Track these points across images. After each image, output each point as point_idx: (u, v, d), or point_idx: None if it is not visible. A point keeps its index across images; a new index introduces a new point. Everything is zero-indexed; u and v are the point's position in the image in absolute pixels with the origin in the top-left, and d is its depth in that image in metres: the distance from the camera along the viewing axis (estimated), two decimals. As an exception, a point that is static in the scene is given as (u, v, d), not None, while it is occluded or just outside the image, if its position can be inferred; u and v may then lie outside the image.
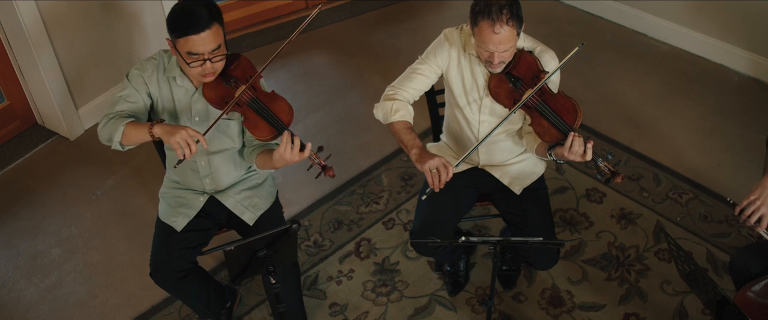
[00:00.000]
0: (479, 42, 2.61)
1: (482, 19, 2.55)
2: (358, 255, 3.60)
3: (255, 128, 2.63)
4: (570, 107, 2.66)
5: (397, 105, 2.86)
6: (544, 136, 2.71)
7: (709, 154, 4.12)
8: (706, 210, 3.76)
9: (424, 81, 2.90)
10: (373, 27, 5.20)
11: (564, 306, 3.33)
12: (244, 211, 2.95)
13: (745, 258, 2.77)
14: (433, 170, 2.68)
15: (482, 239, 2.53)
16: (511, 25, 2.54)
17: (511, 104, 2.71)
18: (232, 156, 2.89)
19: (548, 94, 2.69)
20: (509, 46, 2.59)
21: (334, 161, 4.08)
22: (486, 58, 2.63)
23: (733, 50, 4.68)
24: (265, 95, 2.69)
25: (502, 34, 2.54)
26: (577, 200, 3.81)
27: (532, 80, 2.69)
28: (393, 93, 2.91)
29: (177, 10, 2.53)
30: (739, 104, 4.46)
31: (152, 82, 2.71)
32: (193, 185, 2.95)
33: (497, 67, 2.65)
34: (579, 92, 4.55)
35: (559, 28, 5.09)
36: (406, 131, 2.83)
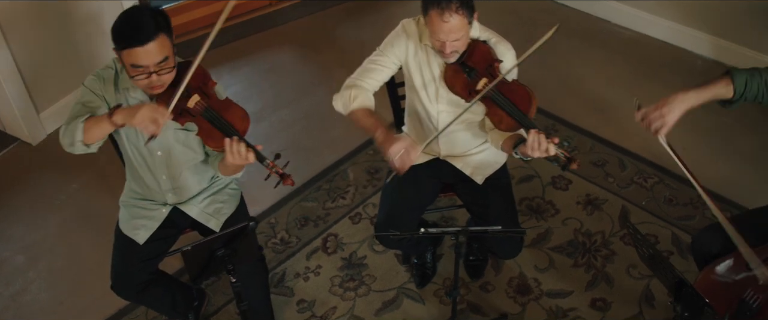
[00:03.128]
0: (430, 31, 2.60)
1: (432, 8, 2.55)
2: (325, 251, 3.58)
3: (209, 138, 2.53)
4: (524, 94, 2.66)
5: (356, 92, 2.81)
6: (499, 125, 2.71)
7: (673, 138, 4.10)
8: (671, 194, 3.78)
9: (383, 72, 2.88)
10: (338, 21, 5.18)
11: (531, 294, 3.33)
12: (210, 218, 2.90)
13: (705, 239, 2.79)
14: (398, 157, 2.66)
15: (442, 230, 2.53)
16: (460, 14, 2.54)
17: (467, 93, 2.70)
18: (195, 168, 2.82)
19: (503, 83, 2.68)
20: (460, 36, 2.59)
21: (300, 158, 4.08)
22: (438, 47, 2.63)
23: (696, 34, 4.71)
24: (219, 103, 2.58)
25: (451, 23, 2.53)
26: (543, 188, 3.82)
27: (487, 70, 2.68)
28: (351, 83, 2.88)
29: (120, 20, 2.41)
30: (703, 87, 4.48)
31: (109, 92, 2.59)
32: (155, 197, 2.88)
33: (450, 57, 2.65)
34: (543, 80, 4.56)
35: (524, 18, 5.10)
36: (367, 115, 2.79)
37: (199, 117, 2.52)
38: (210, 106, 2.52)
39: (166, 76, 2.45)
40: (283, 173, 2.55)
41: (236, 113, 2.56)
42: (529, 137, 2.56)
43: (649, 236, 3.55)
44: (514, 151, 2.68)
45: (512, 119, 2.65)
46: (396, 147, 2.65)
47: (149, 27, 2.35)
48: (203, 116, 2.52)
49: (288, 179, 2.56)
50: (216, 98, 2.59)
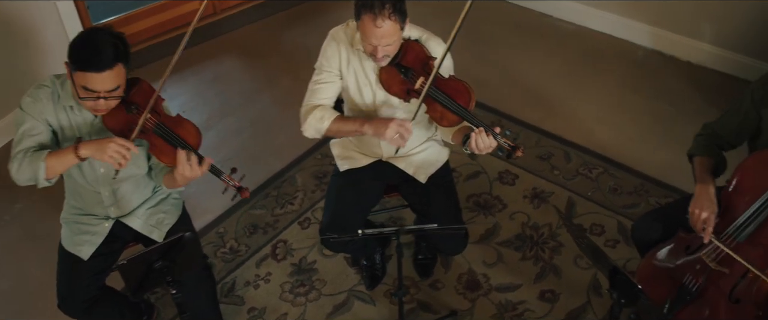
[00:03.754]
0: (362, 36, 2.61)
1: (365, 13, 2.56)
2: (274, 258, 3.57)
3: (162, 154, 2.53)
4: (462, 89, 2.68)
5: (319, 112, 2.81)
6: (441, 121, 2.72)
7: (617, 128, 4.20)
8: (616, 183, 3.83)
9: (330, 88, 2.87)
10: (282, 28, 5.17)
11: (481, 289, 3.35)
12: (152, 230, 2.88)
13: (645, 226, 2.83)
14: (395, 137, 2.68)
15: (379, 230, 2.54)
16: (393, 19, 2.55)
17: (404, 94, 2.72)
18: (137, 182, 2.81)
19: (440, 79, 2.70)
20: (392, 41, 2.60)
21: (248, 166, 4.06)
22: (370, 51, 2.63)
23: (636, 25, 4.78)
24: (170, 119, 2.57)
25: (384, 28, 2.54)
26: (490, 184, 3.85)
27: (422, 68, 2.69)
28: (307, 109, 2.86)
29: (82, 41, 2.39)
30: (645, 77, 4.56)
31: (49, 112, 2.55)
32: (96, 212, 2.84)
33: (381, 61, 2.66)
34: (488, 77, 4.60)
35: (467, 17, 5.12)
36: (343, 122, 2.81)
37: (150, 134, 2.52)
38: (161, 122, 2.52)
39: (113, 102, 2.47)
40: (240, 187, 2.57)
41: (188, 128, 2.57)
42: (471, 140, 2.57)
43: (595, 227, 3.59)
44: (464, 147, 2.69)
45: (453, 113, 2.67)
46: (390, 131, 2.67)
47: (108, 56, 2.35)
48: (155, 132, 2.52)
49: (245, 192, 2.59)
50: (166, 115, 2.59)
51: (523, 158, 3.95)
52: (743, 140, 2.73)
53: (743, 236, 2.44)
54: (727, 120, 2.71)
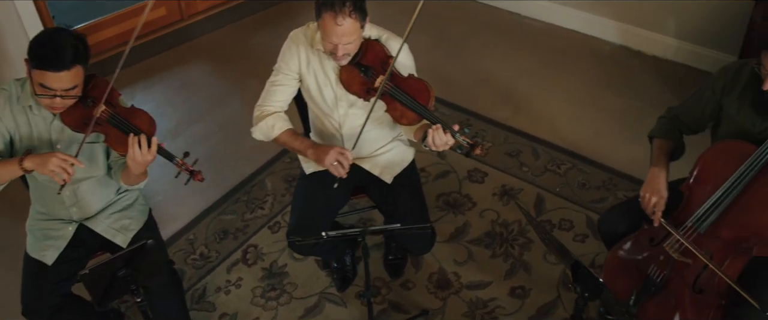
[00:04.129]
0: (323, 34, 2.61)
1: (325, 11, 2.56)
2: (245, 263, 3.56)
3: (118, 144, 2.57)
4: (422, 87, 2.69)
5: (272, 120, 2.88)
6: (401, 120, 2.73)
7: (585, 123, 4.22)
8: (584, 178, 3.85)
9: (285, 91, 2.91)
10: (250, 32, 5.16)
11: (452, 288, 3.36)
12: (116, 234, 2.87)
13: (611, 220, 2.85)
14: (334, 164, 2.74)
15: (342, 232, 2.53)
16: (353, 17, 2.56)
17: (365, 92, 2.72)
18: (98, 182, 2.81)
19: (399, 78, 2.71)
20: (353, 39, 2.60)
21: (217, 171, 4.05)
22: (330, 50, 2.64)
23: (603, 21, 4.82)
24: (125, 110, 2.62)
25: (344, 26, 2.55)
26: (459, 183, 3.86)
27: (382, 67, 2.70)
28: (261, 112, 2.92)
29: (42, 39, 2.43)
30: (612, 72, 4.60)
31: (6, 116, 2.59)
32: (60, 215, 2.84)
33: (342, 60, 2.66)
34: (457, 76, 4.61)
35: (435, 17, 5.13)
36: (292, 138, 2.89)
37: (105, 125, 2.56)
38: (116, 113, 2.56)
39: (69, 101, 2.50)
40: (193, 170, 2.61)
41: (142, 116, 2.61)
42: (429, 137, 2.58)
43: (564, 222, 3.61)
44: (424, 144, 2.70)
45: (413, 111, 2.68)
46: (329, 158, 2.75)
47: (67, 56, 2.38)
48: (109, 122, 2.56)
49: (198, 175, 2.62)
50: (121, 106, 2.63)
51: (491, 156, 3.98)
52: (703, 126, 2.77)
53: (705, 226, 2.47)
54: (689, 107, 2.76)
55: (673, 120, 2.80)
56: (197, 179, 2.62)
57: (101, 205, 2.86)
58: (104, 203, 2.87)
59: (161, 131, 4.26)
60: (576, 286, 2.35)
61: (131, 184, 2.77)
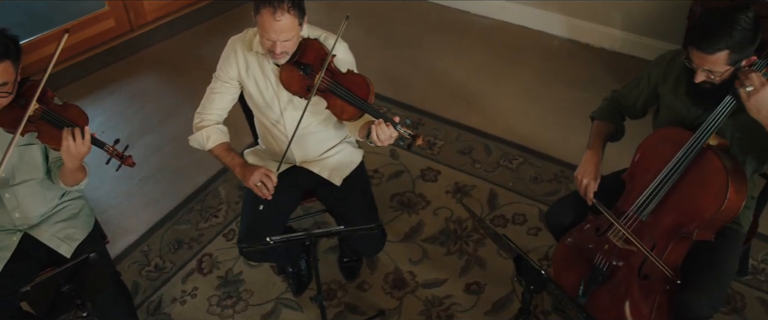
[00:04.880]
0: (261, 31, 2.62)
1: (264, 7, 2.57)
2: (200, 272, 3.53)
3: (51, 139, 2.56)
4: (361, 82, 2.71)
5: (208, 132, 2.93)
6: (342, 115, 2.74)
7: (535, 117, 4.26)
8: (536, 172, 3.89)
9: (224, 98, 2.94)
10: (201, 40, 5.13)
11: (407, 287, 3.37)
12: (61, 244, 2.84)
13: (557, 212, 2.88)
14: (257, 184, 2.81)
15: (287, 236, 2.53)
16: (292, 14, 2.57)
17: (305, 91, 2.73)
18: (38, 186, 2.79)
19: (338, 74, 2.72)
20: (291, 36, 2.61)
21: (171, 181, 4.02)
22: (268, 47, 2.65)
23: (551, 16, 4.87)
24: (57, 106, 2.62)
25: (283, 22, 2.56)
26: (412, 182, 3.87)
27: (321, 64, 2.71)
28: (200, 121, 2.96)
29: None
30: (561, 66, 4.64)
31: None
32: (3, 222, 2.80)
33: (280, 58, 2.67)
34: (409, 76, 4.63)
35: (383, 18, 5.16)
36: (225, 153, 2.94)
37: (38, 122, 2.56)
38: (49, 109, 2.56)
39: (3, 100, 2.50)
40: (123, 155, 2.63)
41: (74, 110, 2.61)
42: (372, 132, 2.59)
43: (517, 216, 3.64)
44: (368, 140, 2.71)
45: (352, 106, 2.69)
46: (253, 178, 2.81)
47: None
48: (42, 118, 2.56)
49: (128, 160, 2.65)
50: (54, 104, 2.62)
51: (444, 154, 4.01)
52: (642, 113, 2.82)
53: (646, 213, 2.51)
54: (629, 92, 2.81)
55: (614, 103, 2.86)
56: (127, 164, 2.64)
57: (43, 209, 2.83)
58: (47, 207, 2.84)
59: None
60: (521, 279, 2.37)
61: (71, 184, 2.76)
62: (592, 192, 2.64)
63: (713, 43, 2.24)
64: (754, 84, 2.20)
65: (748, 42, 2.25)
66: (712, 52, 2.25)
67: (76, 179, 2.73)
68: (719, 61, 2.27)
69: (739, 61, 2.29)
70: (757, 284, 3.30)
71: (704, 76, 2.34)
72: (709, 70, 2.31)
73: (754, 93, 2.20)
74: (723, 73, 2.31)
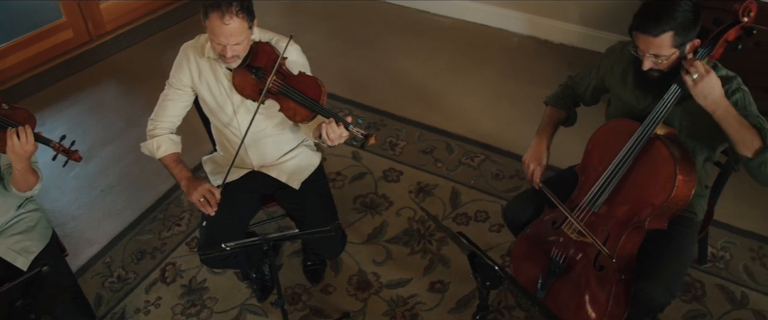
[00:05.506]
0: (211, 35, 2.62)
1: (212, 11, 2.57)
2: (164, 281, 3.51)
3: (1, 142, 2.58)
4: (312, 83, 2.71)
5: (159, 141, 2.94)
6: (295, 117, 2.74)
7: (496, 115, 4.28)
8: (498, 169, 3.91)
9: (177, 105, 2.94)
10: (160, 48, 5.11)
11: (372, 288, 3.37)
12: (17, 257, 2.80)
13: (515, 208, 2.89)
14: (201, 200, 2.82)
15: (242, 242, 2.52)
16: (240, 17, 2.57)
17: (258, 94, 2.73)
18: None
19: (289, 76, 2.73)
20: (241, 40, 2.61)
21: (133, 191, 4.00)
22: (219, 52, 2.64)
23: (510, 14, 4.90)
24: (4, 110, 2.63)
25: (232, 25, 2.56)
26: (375, 183, 3.87)
27: (273, 67, 2.71)
28: (153, 128, 2.97)
29: None
30: (521, 63, 4.67)
31: None
32: None
33: (231, 62, 2.67)
34: (370, 77, 4.64)
35: (345, 19, 5.16)
36: (173, 164, 2.94)
37: None
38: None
39: None
40: (68, 150, 2.66)
41: (22, 113, 2.63)
42: (323, 131, 2.60)
43: (480, 213, 3.66)
44: (320, 140, 2.71)
45: (304, 107, 2.70)
46: (196, 194, 2.82)
47: None
48: None
49: (74, 154, 2.68)
50: (1, 109, 2.64)
51: (406, 154, 4.01)
52: (593, 100, 2.88)
53: (598, 205, 2.53)
54: (581, 80, 2.88)
55: (567, 89, 2.91)
56: (74, 159, 2.67)
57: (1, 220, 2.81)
58: (3, 219, 2.82)
59: (72, 155, 4.20)
60: (476, 276, 2.38)
61: (23, 188, 2.75)
62: (538, 177, 2.72)
63: (657, 25, 2.28)
64: (699, 71, 2.23)
65: (690, 24, 2.29)
66: (657, 35, 2.29)
67: (28, 184, 2.72)
68: (665, 44, 2.30)
69: (683, 43, 2.32)
70: (716, 271, 3.34)
71: (651, 63, 2.37)
72: (655, 55, 2.34)
73: (700, 80, 2.23)
74: (669, 57, 2.34)
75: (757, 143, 2.24)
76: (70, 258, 3.47)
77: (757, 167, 2.27)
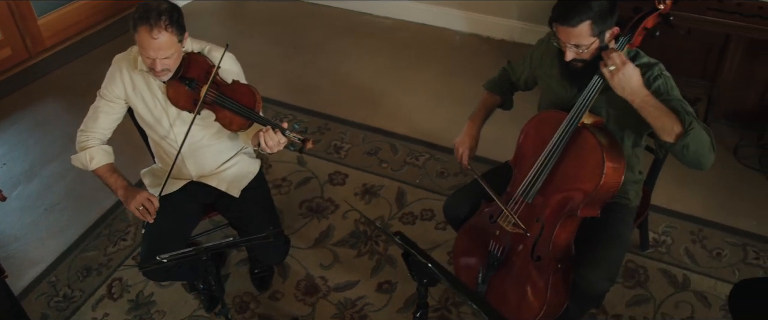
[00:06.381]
0: (141, 49, 2.60)
1: (140, 25, 2.55)
2: (111, 297, 3.46)
3: None
4: (247, 91, 2.70)
5: (92, 152, 2.89)
6: (231, 126, 2.73)
7: (440, 113, 4.31)
8: (442, 166, 3.93)
9: (108, 117, 2.91)
10: (101, 63, 4.96)
11: (320, 292, 3.36)
12: None
13: (453, 204, 2.91)
14: (139, 208, 2.80)
15: (179, 252, 2.50)
16: (170, 31, 2.55)
17: (192, 105, 2.71)
18: None
19: (224, 86, 2.71)
20: (170, 53, 2.59)
21: (77, 208, 3.94)
22: (149, 65, 2.63)
23: (451, 12, 4.93)
24: None
25: (160, 39, 2.54)
26: (321, 187, 3.87)
27: (206, 77, 2.70)
28: (84, 140, 2.93)
29: None
30: (464, 60, 4.71)
31: None
32: None
33: (162, 75, 2.65)
34: (315, 82, 4.64)
35: (288, 26, 5.15)
36: (108, 174, 2.90)
37: None
38: None
39: None
40: None
41: None
42: (260, 139, 2.58)
43: (425, 212, 3.68)
44: (259, 148, 2.70)
45: (240, 116, 2.69)
46: (135, 203, 2.80)
47: None
48: None
49: None
50: None
51: (351, 157, 4.02)
52: (527, 88, 2.95)
53: (531, 195, 2.56)
54: (517, 67, 2.94)
55: (505, 74, 2.99)
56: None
57: None
58: None
59: (15, 174, 4.15)
60: (413, 274, 2.38)
61: None
62: (466, 159, 2.81)
63: (575, 15, 2.32)
64: (615, 63, 2.27)
65: (606, 12, 2.33)
66: (575, 25, 2.33)
67: None
68: (583, 34, 2.34)
69: (602, 32, 2.36)
70: (658, 256, 3.39)
71: (573, 53, 2.41)
72: (576, 45, 2.38)
73: (616, 72, 2.27)
74: (590, 47, 2.38)
75: (677, 129, 2.28)
76: (13, 279, 3.44)
77: (680, 151, 2.31)
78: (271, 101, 4.43)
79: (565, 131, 2.45)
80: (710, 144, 2.31)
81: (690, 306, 3.18)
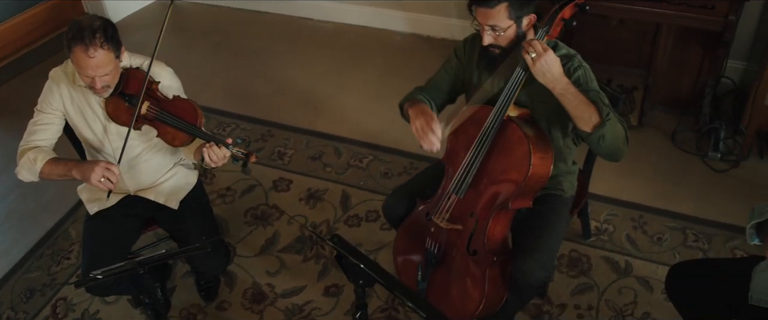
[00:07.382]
0: (78, 68, 2.57)
1: (75, 45, 2.52)
2: (55, 317, 3.42)
3: None
4: (188, 107, 2.69)
5: (33, 153, 2.78)
6: (174, 142, 2.72)
7: (382, 114, 4.33)
8: (386, 167, 3.95)
9: (47, 130, 2.84)
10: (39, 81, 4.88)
11: (267, 300, 3.35)
12: None
13: (390, 204, 2.92)
14: (101, 180, 2.64)
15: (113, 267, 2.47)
16: (105, 48, 2.53)
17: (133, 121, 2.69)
18: None
19: (164, 102, 2.70)
20: (109, 70, 2.57)
21: (20, 229, 3.89)
22: (88, 83, 2.60)
23: (391, 13, 4.96)
24: None
25: (97, 58, 2.51)
26: (266, 194, 3.86)
27: (146, 93, 2.68)
28: (25, 150, 2.84)
29: None
30: (406, 61, 4.73)
31: None
32: None
33: (102, 92, 2.63)
34: (257, 89, 4.63)
35: (229, 33, 5.14)
36: (55, 165, 2.76)
37: None
38: None
39: None
40: None
41: None
42: (205, 155, 2.58)
43: (370, 213, 3.69)
44: (203, 164, 2.68)
45: (183, 132, 2.67)
46: (95, 175, 2.63)
47: None
48: None
49: None
50: None
51: (294, 163, 4.02)
52: (452, 101, 2.88)
53: (463, 191, 2.58)
54: (439, 79, 2.86)
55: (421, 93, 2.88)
56: None
57: None
58: None
59: (-50, 199, 4.07)
60: (348, 276, 2.39)
61: None
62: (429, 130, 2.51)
63: None
64: (536, 50, 2.30)
65: None
66: (492, 6, 2.39)
67: None
68: (501, 15, 2.40)
69: (519, 17, 2.41)
70: (600, 244, 3.44)
71: (491, 38, 2.44)
72: (492, 27, 2.41)
73: (538, 59, 2.30)
74: (507, 31, 2.42)
75: (595, 119, 2.32)
76: (-49, 305, 3.38)
77: (596, 142, 2.35)
78: (214, 111, 4.41)
79: (491, 124, 2.48)
80: (625, 136, 2.37)
81: (633, 291, 3.23)
